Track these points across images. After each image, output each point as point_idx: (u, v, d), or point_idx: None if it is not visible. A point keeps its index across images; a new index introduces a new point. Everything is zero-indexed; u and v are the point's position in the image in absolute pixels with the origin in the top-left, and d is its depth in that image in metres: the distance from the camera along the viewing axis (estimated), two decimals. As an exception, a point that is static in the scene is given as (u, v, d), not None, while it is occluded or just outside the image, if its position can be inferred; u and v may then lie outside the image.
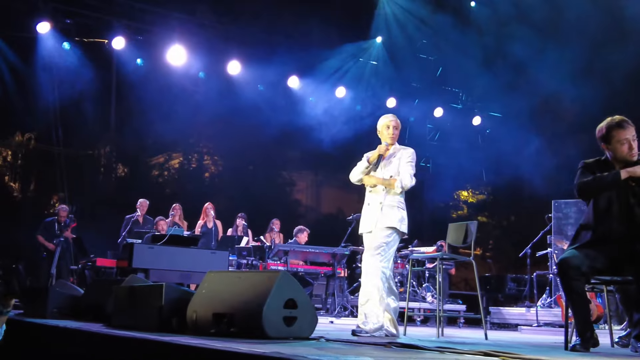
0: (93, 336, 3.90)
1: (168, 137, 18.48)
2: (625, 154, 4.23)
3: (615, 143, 4.25)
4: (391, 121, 5.61)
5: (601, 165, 4.34)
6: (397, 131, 5.60)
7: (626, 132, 4.23)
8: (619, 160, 4.28)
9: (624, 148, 4.23)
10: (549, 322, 9.67)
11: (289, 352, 2.51)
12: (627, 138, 4.23)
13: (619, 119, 4.28)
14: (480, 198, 21.82)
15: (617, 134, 4.25)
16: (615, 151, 4.27)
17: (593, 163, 4.39)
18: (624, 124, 4.25)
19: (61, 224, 10.84)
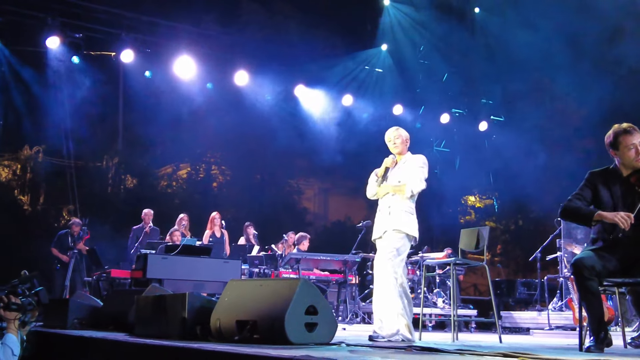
0: (120, 345, 3.99)
1: (176, 148, 18.66)
2: (632, 159, 4.34)
3: (623, 149, 4.36)
4: (391, 134, 5.72)
5: (608, 174, 4.44)
6: (399, 141, 5.67)
7: (633, 138, 4.34)
8: (626, 165, 4.37)
9: (631, 153, 4.33)
10: (561, 325, 9.71)
11: (317, 355, 2.61)
12: (634, 143, 4.33)
13: (626, 125, 4.39)
14: (488, 203, 21.86)
15: (624, 139, 4.35)
16: (622, 157, 4.38)
17: (599, 172, 4.49)
18: (631, 129, 4.36)
19: (74, 237, 10.96)
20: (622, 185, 4.37)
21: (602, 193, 4.41)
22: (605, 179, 4.43)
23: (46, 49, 12.89)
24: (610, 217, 4.15)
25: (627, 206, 4.30)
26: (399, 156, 5.69)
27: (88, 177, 17.57)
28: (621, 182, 4.38)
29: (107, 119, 17.32)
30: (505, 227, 21.32)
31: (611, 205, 4.37)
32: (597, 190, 4.43)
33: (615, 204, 4.36)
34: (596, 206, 4.47)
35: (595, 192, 4.44)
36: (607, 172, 4.47)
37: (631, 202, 4.28)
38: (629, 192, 4.33)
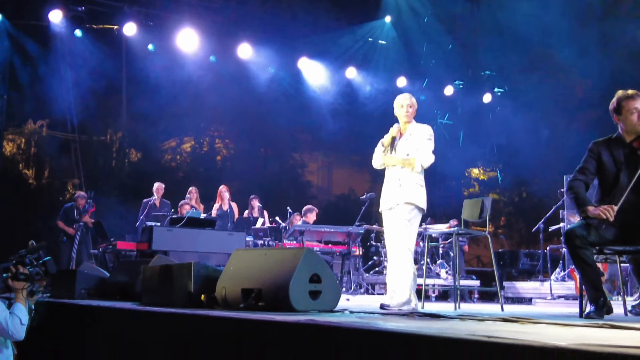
0: (127, 314, 4.07)
1: (179, 122, 18.68)
2: (634, 123, 4.38)
3: (626, 113, 4.40)
4: (405, 100, 5.67)
5: (611, 142, 4.48)
6: (411, 109, 5.65)
7: (636, 102, 4.39)
8: (629, 131, 4.40)
9: (633, 117, 4.38)
10: (563, 295, 9.79)
11: (321, 319, 2.67)
12: (637, 107, 4.39)
13: (631, 91, 4.43)
14: (492, 175, 21.88)
15: (626, 104, 4.40)
16: (625, 122, 4.42)
17: (603, 141, 4.52)
18: (634, 95, 4.42)
19: (80, 210, 11.04)
20: (625, 151, 4.40)
21: (605, 161, 4.44)
22: (608, 146, 4.47)
23: (49, 22, 12.87)
24: (593, 212, 4.22)
25: (629, 171, 4.33)
26: (405, 125, 5.66)
27: (92, 151, 17.64)
28: (624, 148, 4.41)
29: (110, 93, 17.28)
30: (509, 199, 21.37)
31: (614, 171, 4.41)
32: (600, 159, 4.46)
33: (619, 169, 4.39)
34: (600, 174, 4.51)
35: (599, 161, 4.47)
36: (610, 140, 4.51)
37: (633, 167, 4.31)
38: (632, 157, 4.36)
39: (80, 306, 4.83)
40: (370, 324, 2.43)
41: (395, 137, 5.63)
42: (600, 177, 4.51)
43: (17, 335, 3.92)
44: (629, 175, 4.33)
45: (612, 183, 4.39)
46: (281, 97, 16.81)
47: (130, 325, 3.98)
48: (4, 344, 4.01)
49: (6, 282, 4.01)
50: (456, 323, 3.01)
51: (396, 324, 2.70)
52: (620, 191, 4.30)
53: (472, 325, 2.75)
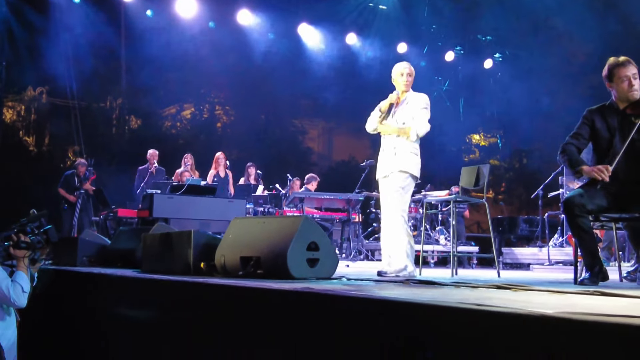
0: (128, 281, 4.13)
1: (179, 88, 18.62)
2: (625, 90, 4.39)
3: (617, 80, 4.42)
4: (405, 68, 5.68)
5: (605, 109, 4.49)
6: (410, 78, 5.67)
7: (627, 70, 4.39)
8: (621, 98, 4.42)
9: (624, 85, 4.38)
10: (561, 260, 9.86)
11: (317, 287, 2.71)
12: (628, 75, 4.38)
13: (622, 58, 4.44)
14: (492, 141, 21.89)
15: (618, 71, 4.41)
16: (617, 89, 4.44)
17: (596, 108, 4.54)
18: (625, 62, 4.41)
19: (81, 177, 11.08)
20: (619, 118, 4.42)
21: (599, 127, 4.46)
22: (602, 113, 4.49)
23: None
24: (588, 171, 4.24)
25: (623, 137, 4.35)
26: (403, 93, 5.70)
27: (92, 118, 17.62)
28: (617, 115, 4.43)
29: (109, 59, 17.20)
30: (510, 165, 21.41)
31: (608, 137, 4.43)
32: (594, 125, 4.48)
33: (612, 136, 4.41)
34: (594, 140, 4.53)
35: (592, 128, 4.49)
36: (604, 107, 4.53)
37: (627, 133, 4.32)
38: (625, 123, 4.37)
39: (82, 273, 4.90)
40: (364, 292, 2.48)
41: (393, 105, 5.66)
42: (594, 143, 4.53)
43: (18, 303, 3.98)
44: (623, 141, 4.35)
45: (606, 148, 4.42)
46: (281, 63, 16.73)
47: (129, 293, 4.05)
48: (6, 311, 4.08)
49: (8, 251, 4.06)
50: (450, 290, 3.06)
51: (389, 292, 2.75)
52: (614, 156, 4.33)
53: (464, 293, 2.80)
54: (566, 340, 1.58)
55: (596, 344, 1.53)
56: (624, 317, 1.55)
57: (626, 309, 2.13)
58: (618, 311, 1.94)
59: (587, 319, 1.57)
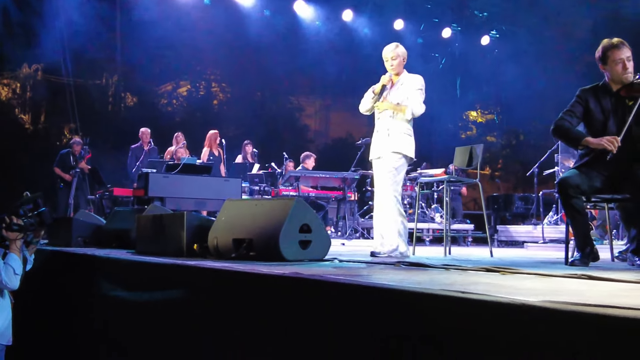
0: (121, 263, 4.15)
1: (175, 65, 18.52)
2: (619, 73, 4.36)
3: (611, 63, 4.38)
4: (388, 53, 5.72)
5: (599, 90, 4.47)
6: (395, 62, 5.68)
7: (621, 52, 4.36)
8: (615, 80, 4.40)
9: (618, 67, 4.36)
10: (555, 238, 9.93)
11: (306, 272, 2.74)
12: (622, 58, 4.35)
13: (616, 40, 4.40)
14: (490, 118, 21.87)
15: (612, 54, 4.37)
16: (611, 71, 4.41)
17: (590, 88, 4.52)
18: (620, 44, 4.37)
19: (76, 156, 11.08)
20: (612, 100, 4.41)
21: (593, 108, 4.45)
22: (595, 94, 4.47)
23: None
24: (596, 143, 4.21)
25: (617, 120, 4.35)
26: (395, 76, 5.73)
27: (88, 95, 17.52)
28: (611, 97, 4.42)
29: (104, 36, 17.08)
30: (506, 142, 21.40)
31: (602, 119, 4.41)
32: (588, 106, 4.47)
33: (606, 118, 4.40)
34: (587, 122, 4.52)
35: (586, 108, 4.48)
36: (598, 88, 4.51)
37: (621, 115, 4.32)
38: (619, 105, 4.37)
39: (76, 254, 4.92)
40: (352, 277, 2.50)
41: (386, 86, 5.67)
42: (587, 124, 4.52)
43: (10, 285, 4.00)
44: (617, 123, 4.35)
45: (600, 130, 4.41)
46: (277, 40, 16.64)
47: (123, 275, 4.07)
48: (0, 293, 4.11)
49: (0, 233, 4.07)
50: (439, 274, 3.09)
51: (378, 276, 2.78)
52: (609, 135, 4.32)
53: (453, 277, 2.82)
54: (545, 329, 1.60)
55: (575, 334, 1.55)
56: (603, 308, 1.57)
57: (610, 295, 2.16)
58: (601, 298, 1.96)
59: (567, 309, 1.59)
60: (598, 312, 1.53)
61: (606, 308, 1.55)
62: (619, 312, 1.50)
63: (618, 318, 1.47)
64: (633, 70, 4.36)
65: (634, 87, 4.28)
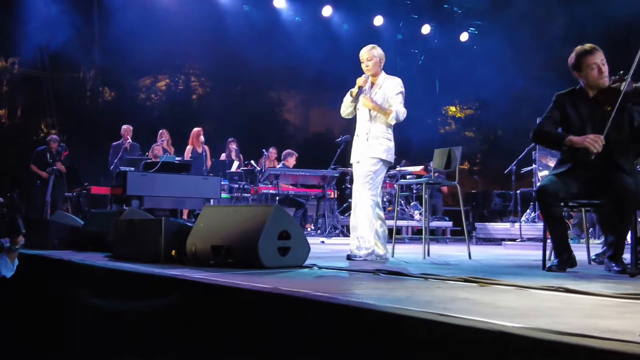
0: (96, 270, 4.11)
1: (153, 59, 18.34)
2: (595, 78, 4.33)
3: (586, 68, 4.35)
4: (362, 55, 5.71)
5: (575, 95, 4.45)
6: (370, 63, 5.66)
7: (594, 57, 4.33)
8: (591, 86, 4.39)
9: (594, 73, 4.33)
10: (532, 237, 10.03)
11: (286, 287, 2.72)
12: (596, 62, 4.32)
13: (588, 46, 4.38)
14: (468, 113, 21.96)
15: (585, 59, 4.35)
16: (587, 77, 4.38)
17: (566, 93, 4.50)
18: (592, 49, 4.35)
19: (53, 153, 10.95)
20: (589, 105, 4.41)
21: (570, 114, 4.44)
22: (572, 99, 4.45)
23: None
24: (580, 142, 4.18)
25: (595, 126, 4.33)
26: (373, 77, 5.72)
27: (65, 89, 17.33)
28: (588, 103, 4.41)
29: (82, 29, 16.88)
30: (485, 137, 21.50)
31: (579, 126, 4.39)
32: (565, 111, 4.46)
33: (584, 124, 4.39)
34: (564, 127, 4.51)
35: (563, 113, 4.48)
36: (574, 93, 4.49)
37: (600, 122, 4.31)
38: (597, 111, 4.36)
39: (52, 259, 4.87)
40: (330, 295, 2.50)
41: (362, 87, 5.66)
42: (565, 129, 4.52)
43: None
44: (595, 129, 4.34)
45: (580, 132, 4.40)
46: (257, 35, 16.56)
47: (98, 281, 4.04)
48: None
49: None
50: (419, 285, 3.10)
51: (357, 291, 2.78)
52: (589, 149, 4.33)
53: (432, 290, 2.84)
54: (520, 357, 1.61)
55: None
56: (577, 337, 1.58)
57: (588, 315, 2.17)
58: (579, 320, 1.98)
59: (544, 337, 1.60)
60: (572, 343, 1.54)
61: (580, 338, 1.56)
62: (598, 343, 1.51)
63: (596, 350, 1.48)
64: (608, 75, 4.36)
65: (611, 93, 4.27)
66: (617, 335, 1.63)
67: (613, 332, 1.71)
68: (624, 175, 4.20)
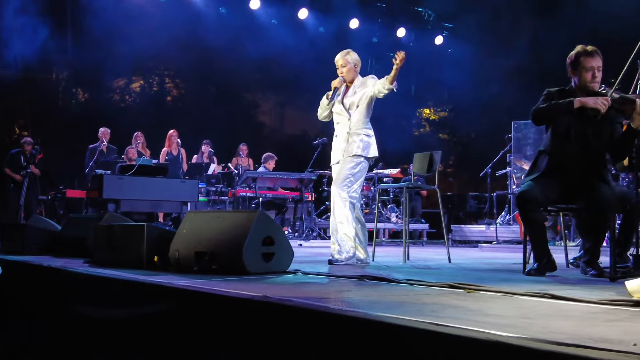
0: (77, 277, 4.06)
1: (127, 61, 18.17)
2: (588, 80, 4.35)
3: (581, 69, 4.36)
4: (337, 61, 5.78)
5: (564, 94, 4.47)
6: (345, 68, 5.72)
7: (593, 61, 4.35)
8: (582, 88, 4.42)
9: (587, 75, 4.35)
10: (508, 239, 10.13)
11: (275, 295, 2.72)
12: (593, 66, 4.34)
13: (590, 48, 4.39)
14: (442, 115, 22.12)
15: (584, 60, 4.37)
16: (580, 78, 4.39)
17: (556, 92, 4.53)
18: (593, 52, 4.36)
19: (27, 156, 10.81)
20: None
21: None
22: (560, 98, 4.47)
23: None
24: (592, 103, 4.19)
25: (580, 126, 4.35)
26: (350, 83, 5.77)
27: (38, 90, 17.11)
28: None
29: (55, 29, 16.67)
30: (459, 139, 21.67)
31: (565, 125, 4.44)
32: None
33: (570, 124, 4.43)
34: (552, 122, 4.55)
35: None
36: (564, 92, 4.50)
37: (584, 123, 4.36)
38: (582, 113, 4.40)
39: (31, 265, 4.80)
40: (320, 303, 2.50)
41: (338, 88, 5.69)
42: (551, 127, 4.55)
43: None
44: (577, 131, 4.39)
45: (564, 134, 4.44)
46: (233, 36, 16.49)
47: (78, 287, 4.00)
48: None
49: None
50: (406, 292, 3.11)
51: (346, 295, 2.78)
52: (570, 144, 4.39)
53: (420, 297, 2.85)
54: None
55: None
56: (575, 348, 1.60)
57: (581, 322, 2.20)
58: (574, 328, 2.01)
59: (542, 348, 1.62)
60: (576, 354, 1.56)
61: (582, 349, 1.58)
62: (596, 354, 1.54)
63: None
64: (600, 81, 4.40)
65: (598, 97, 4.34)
66: (612, 345, 1.65)
67: (607, 341, 1.73)
68: (603, 184, 4.29)
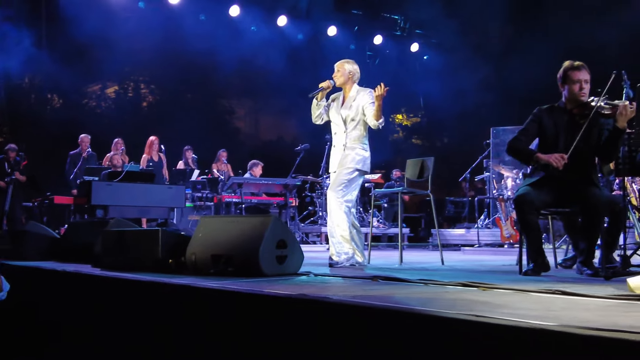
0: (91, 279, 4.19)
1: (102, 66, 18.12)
2: (576, 92, 4.68)
3: (569, 82, 4.72)
4: (336, 65, 6.01)
5: (554, 109, 4.82)
6: (339, 73, 5.96)
7: (580, 74, 4.70)
8: (571, 100, 4.75)
9: (575, 87, 4.70)
10: (490, 242, 10.41)
11: (313, 295, 2.90)
12: (580, 79, 4.69)
13: (577, 63, 4.75)
14: (415, 121, 22.46)
15: (571, 74, 4.72)
16: (568, 90, 4.74)
17: (546, 108, 4.87)
18: (580, 66, 4.72)
19: (11, 162, 10.79)
20: (566, 117, 4.75)
21: (546, 124, 4.78)
22: (550, 112, 4.81)
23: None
24: (545, 159, 4.58)
25: (568, 135, 4.67)
26: (343, 86, 5.98)
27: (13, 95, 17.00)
28: (565, 114, 4.76)
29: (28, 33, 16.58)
30: (432, 145, 22.01)
31: (554, 134, 4.74)
32: (542, 122, 4.81)
33: (558, 132, 4.74)
34: (541, 137, 4.85)
35: (540, 125, 4.82)
36: (553, 108, 4.85)
37: (572, 132, 4.64)
38: (572, 123, 4.70)
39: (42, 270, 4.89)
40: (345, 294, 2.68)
41: (324, 88, 5.90)
42: (540, 139, 4.87)
43: None
44: (567, 139, 4.68)
45: (551, 145, 4.74)
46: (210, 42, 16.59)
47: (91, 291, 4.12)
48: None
49: None
50: (423, 290, 3.30)
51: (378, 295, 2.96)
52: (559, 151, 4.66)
53: (441, 294, 3.05)
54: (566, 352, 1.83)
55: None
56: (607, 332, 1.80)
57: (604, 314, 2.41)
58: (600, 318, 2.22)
59: (581, 333, 1.81)
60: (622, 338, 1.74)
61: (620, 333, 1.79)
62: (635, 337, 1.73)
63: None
64: (588, 93, 4.72)
65: (587, 107, 4.64)
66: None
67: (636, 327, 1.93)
68: (594, 188, 4.58)
